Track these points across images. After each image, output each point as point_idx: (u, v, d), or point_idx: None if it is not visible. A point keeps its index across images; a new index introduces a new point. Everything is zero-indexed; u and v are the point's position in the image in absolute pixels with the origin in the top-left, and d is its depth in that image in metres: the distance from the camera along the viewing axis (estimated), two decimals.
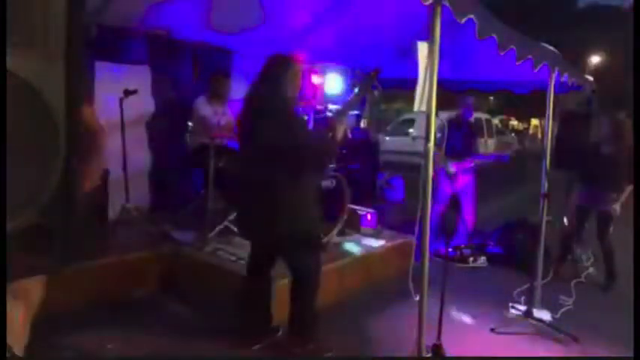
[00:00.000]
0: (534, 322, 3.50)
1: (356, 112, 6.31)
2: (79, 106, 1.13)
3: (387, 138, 14.61)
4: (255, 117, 2.62)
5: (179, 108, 4.65)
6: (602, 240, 4.42)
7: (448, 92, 4.67)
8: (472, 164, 5.18)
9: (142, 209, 4.41)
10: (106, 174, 3.69)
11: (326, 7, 3.65)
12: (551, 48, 3.43)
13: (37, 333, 1.92)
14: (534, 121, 30.98)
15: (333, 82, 5.54)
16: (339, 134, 2.67)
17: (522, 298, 3.84)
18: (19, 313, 1.86)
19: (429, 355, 2.63)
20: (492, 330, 3.39)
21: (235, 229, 3.94)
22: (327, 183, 4.07)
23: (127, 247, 3.63)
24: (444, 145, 4.67)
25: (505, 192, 8.58)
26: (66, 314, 2.60)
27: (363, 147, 7.00)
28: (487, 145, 14.76)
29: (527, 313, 3.57)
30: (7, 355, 1.65)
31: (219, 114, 4.32)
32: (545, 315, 3.60)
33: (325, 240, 3.74)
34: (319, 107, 4.78)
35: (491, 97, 26.46)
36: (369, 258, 4.09)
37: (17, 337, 1.85)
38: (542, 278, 3.88)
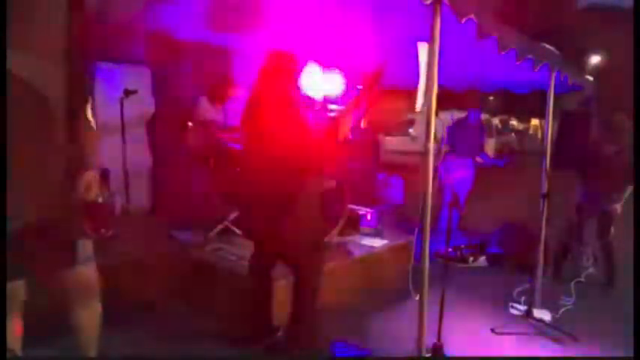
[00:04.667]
0: (534, 322, 3.50)
1: (357, 111, 6.31)
2: (79, 105, 1.13)
3: (387, 138, 14.59)
4: (256, 116, 2.62)
5: (179, 108, 4.65)
6: (602, 240, 4.42)
7: (451, 92, 4.74)
8: (472, 161, 5.33)
9: (142, 209, 4.41)
10: (106, 174, 3.69)
11: (327, 6, 3.65)
12: (551, 48, 3.43)
13: (36, 333, 1.91)
14: (534, 121, 30.91)
15: (334, 82, 5.52)
16: (342, 134, 2.67)
17: (522, 298, 3.84)
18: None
19: (429, 355, 2.63)
20: (492, 330, 3.39)
21: (235, 229, 3.95)
22: (327, 183, 4.06)
23: (126, 248, 3.62)
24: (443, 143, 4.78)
25: (505, 191, 8.57)
26: (65, 314, 2.59)
27: (363, 147, 6.98)
28: (487, 145, 14.75)
29: (527, 313, 3.58)
30: (7, 355, 1.65)
31: (220, 114, 4.32)
32: (545, 315, 3.61)
33: (326, 240, 3.74)
34: (320, 107, 4.78)
35: (491, 97, 26.40)
36: (369, 258, 4.08)
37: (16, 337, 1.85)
38: (542, 278, 3.89)
